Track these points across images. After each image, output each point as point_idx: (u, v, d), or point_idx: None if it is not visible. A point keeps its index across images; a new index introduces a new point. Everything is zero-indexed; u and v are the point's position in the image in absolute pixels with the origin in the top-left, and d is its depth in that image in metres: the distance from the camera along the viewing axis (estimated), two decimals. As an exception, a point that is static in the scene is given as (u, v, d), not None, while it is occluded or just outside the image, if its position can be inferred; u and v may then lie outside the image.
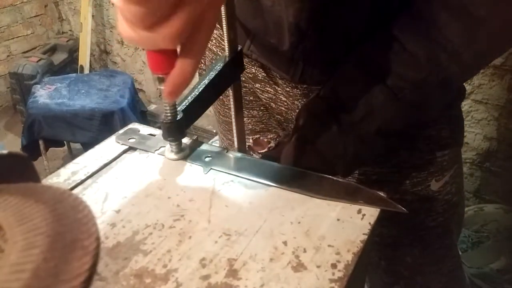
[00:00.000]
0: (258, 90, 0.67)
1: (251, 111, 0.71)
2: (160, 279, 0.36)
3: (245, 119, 0.64)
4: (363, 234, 0.40)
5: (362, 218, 0.42)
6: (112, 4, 2.21)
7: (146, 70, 2.37)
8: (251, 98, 0.69)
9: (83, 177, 0.48)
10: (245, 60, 0.62)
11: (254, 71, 0.65)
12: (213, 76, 0.47)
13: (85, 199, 0.44)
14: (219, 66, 0.47)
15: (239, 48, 0.48)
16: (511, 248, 1.44)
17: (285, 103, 0.65)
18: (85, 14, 2.41)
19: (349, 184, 0.46)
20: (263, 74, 0.64)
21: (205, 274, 0.36)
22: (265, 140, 0.74)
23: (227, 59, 0.48)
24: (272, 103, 0.67)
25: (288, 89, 0.62)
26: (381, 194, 0.44)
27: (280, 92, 0.64)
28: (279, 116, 0.69)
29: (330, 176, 0.47)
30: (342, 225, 0.41)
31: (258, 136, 0.74)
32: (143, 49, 2.30)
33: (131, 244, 0.39)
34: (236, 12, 0.46)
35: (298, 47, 0.55)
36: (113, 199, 0.45)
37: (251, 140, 0.74)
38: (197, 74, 0.74)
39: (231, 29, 0.46)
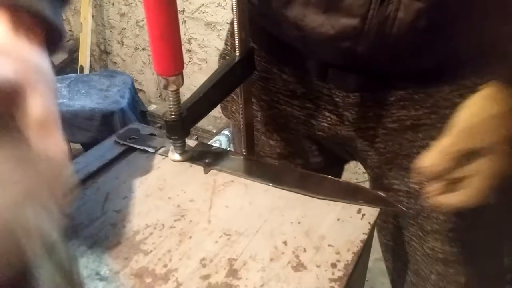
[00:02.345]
0: (296, 107, 0.60)
1: (280, 133, 0.64)
2: (160, 279, 0.36)
3: (273, 142, 0.62)
4: (363, 233, 0.40)
5: (362, 218, 0.42)
6: (112, 4, 2.21)
7: (146, 70, 2.37)
8: (282, 121, 0.63)
9: (84, 177, 0.48)
10: (282, 79, 0.58)
11: (291, 87, 0.59)
12: (221, 75, 0.46)
13: (86, 200, 0.45)
14: (228, 66, 0.47)
15: (251, 48, 0.48)
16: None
17: (329, 118, 0.59)
18: (85, 14, 2.41)
19: (349, 184, 0.46)
20: (303, 90, 0.58)
21: (205, 274, 0.36)
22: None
23: (237, 58, 0.47)
24: (312, 120, 0.61)
25: (337, 100, 0.56)
26: (381, 194, 0.44)
27: (323, 106, 0.58)
28: (321, 133, 0.61)
29: (330, 177, 0.47)
30: (342, 225, 0.41)
31: (284, 161, 0.67)
32: (143, 49, 2.29)
33: (132, 244, 0.39)
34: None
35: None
36: (114, 199, 0.45)
37: None
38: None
39: (242, 28, 0.45)
